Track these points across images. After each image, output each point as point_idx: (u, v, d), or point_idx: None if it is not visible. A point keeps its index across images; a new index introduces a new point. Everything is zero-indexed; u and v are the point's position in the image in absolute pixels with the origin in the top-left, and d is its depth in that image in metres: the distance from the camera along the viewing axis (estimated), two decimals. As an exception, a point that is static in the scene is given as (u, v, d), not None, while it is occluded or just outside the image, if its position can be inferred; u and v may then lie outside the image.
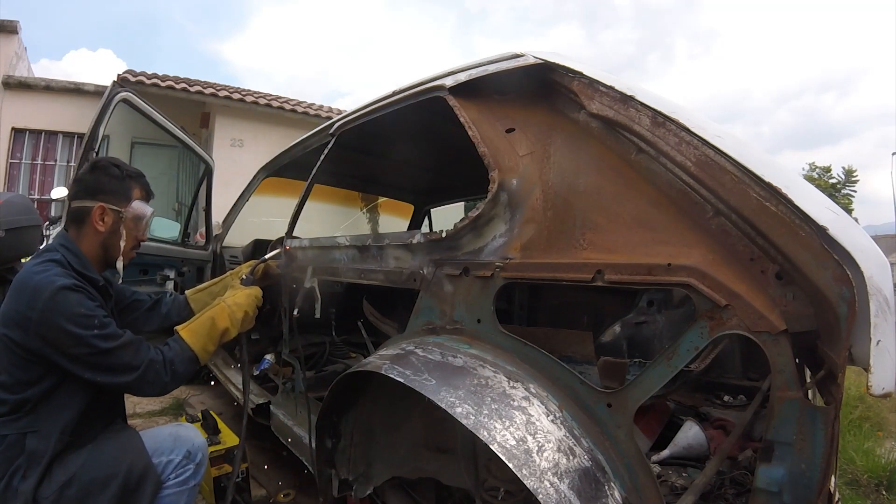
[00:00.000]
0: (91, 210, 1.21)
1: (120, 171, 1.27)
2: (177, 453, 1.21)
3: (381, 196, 3.63)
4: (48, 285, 1.05)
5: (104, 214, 1.22)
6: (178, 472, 1.20)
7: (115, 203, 1.24)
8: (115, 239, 1.25)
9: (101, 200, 1.22)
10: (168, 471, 1.19)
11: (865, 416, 2.94)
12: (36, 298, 1.04)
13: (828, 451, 0.65)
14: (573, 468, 0.75)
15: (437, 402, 0.85)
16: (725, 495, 1.01)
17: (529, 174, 1.04)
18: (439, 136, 1.88)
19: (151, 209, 1.34)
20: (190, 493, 1.23)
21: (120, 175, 1.26)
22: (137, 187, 1.30)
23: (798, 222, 0.68)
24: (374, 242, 1.39)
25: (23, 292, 1.07)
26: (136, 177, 1.32)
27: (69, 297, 1.06)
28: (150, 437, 1.22)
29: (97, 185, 1.24)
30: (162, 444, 1.21)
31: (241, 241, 3.00)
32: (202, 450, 1.27)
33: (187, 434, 1.27)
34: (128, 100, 1.97)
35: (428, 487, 1.32)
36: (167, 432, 1.27)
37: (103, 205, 1.22)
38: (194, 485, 1.24)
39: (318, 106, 7.98)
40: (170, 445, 1.22)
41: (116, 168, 1.27)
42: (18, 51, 7.57)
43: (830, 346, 0.68)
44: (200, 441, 1.28)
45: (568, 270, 0.90)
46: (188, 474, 1.22)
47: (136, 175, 1.32)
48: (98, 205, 1.22)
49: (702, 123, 0.82)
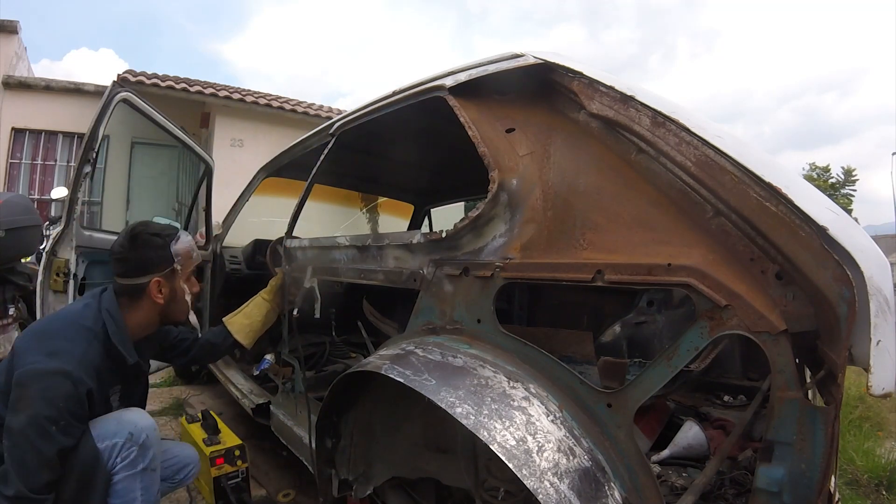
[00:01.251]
0: (146, 286, 1.24)
1: (161, 240, 1.28)
2: (119, 436, 1.15)
3: (381, 196, 3.63)
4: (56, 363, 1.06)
5: (161, 287, 1.25)
6: (123, 456, 1.15)
7: (164, 268, 1.26)
8: (177, 301, 1.29)
9: (154, 274, 1.25)
10: (114, 456, 1.14)
11: (865, 416, 2.94)
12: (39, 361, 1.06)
13: (828, 451, 0.65)
14: (573, 468, 0.75)
15: (437, 402, 0.85)
16: (725, 495, 1.01)
17: (529, 174, 1.04)
18: (439, 136, 1.88)
19: (189, 237, 1.34)
20: (144, 478, 1.17)
21: (163, 244, 1.27)
22: (174, 238, 1.31)
23: (798, 222, 0.68)
24: (374, 242, 1.38)
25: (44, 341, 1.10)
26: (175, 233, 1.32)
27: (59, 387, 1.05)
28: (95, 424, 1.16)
29: (146, 261, 1.25)
30: (106, 427, 1.16)
31: (241, 241, 3.00)
32: (147, 431, 1.19)
33: (130, 417, 1.20)
34: (128, 100, 1.97)
35: (428, 487, 1.32)
36: (111, 417, 1.20)
37: (159, 279, 1.25)
38: (144, 468, 1.17)
39: (318, 106, 7.98)
40: (113, 428, 1.16)
41: (157, 237, 1.28)
42: (18, 51, 7.57)
43: (830, 346, 0.68)
44: (145, 423, 1.20)
45: (568, 270, 0.90)
46: (133, 456, 1.15)
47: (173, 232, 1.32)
48: (153, 280, 1.24)
49: (702, 123, 0.82)
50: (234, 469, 1.75)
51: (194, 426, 1.93)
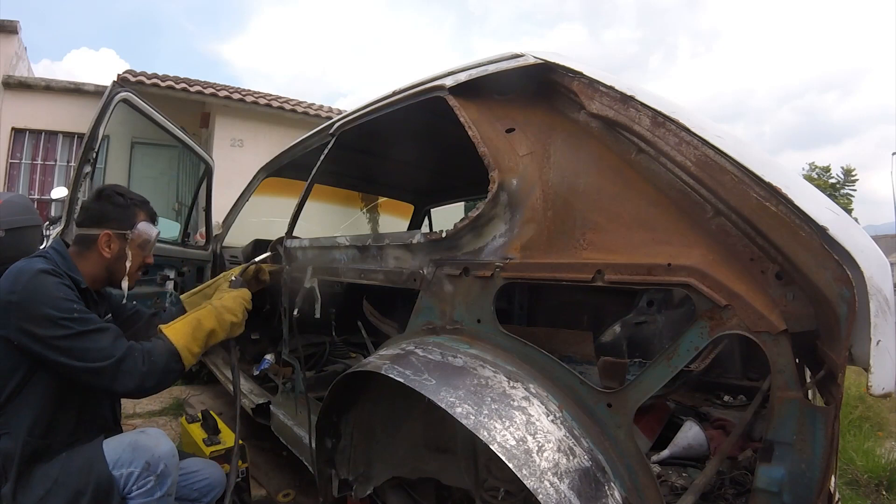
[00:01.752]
0: (97, 237, 1.25)
1: (124, 199, 1.30)
2: (136, 465, 1.14)
3: (381, 196, 3.63)
4: (29, 269, 1.09)
5: (110, 241, 1.26)
6: (139, 485, 1.13)
7: (119, 229, 1.27)
8: (120, 263, 1.29)
9: (106, 228, 1.25)
10: (129, 483, 1.13)
11: (865, 416, 2.94)
12: (17, 282, 1.07)
13: (828, 451, 0.65)
14: (573, 468, 0.75)
15: (437, 402, 0.85)
16: (725, 495, 1.01)
17: (529, 174, 1.04)
18: (439, 136, 1.88)
19: (157, 230, 1.36)
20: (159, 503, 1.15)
21: (124, 203, 1.30)
22: (142, 213, 1.33)
23: (798, 222, 0.68)
24: (374, 242, 1.39)
25: (6, 280, 1.09)
26: (141, 203, 1.34)
27: (48, 279, 1.09)
28: (110, 448, 1.16)
29: (102, 214, 1.27)
30: (121, 455, 1.15)
31: (241, 241, 3.00)
32: (164, 459, 1.16)
33: (146, 443, 1.18)
34: (128, 100, 1.97)
35: (428, 487, 1.32)
36: (127, 441, 1.19)
37: (109, 232, 1.26)
38: (162, 495, 1.15)
39: (318, 106, 7.98)
40: (129, 456, 1.15)
41: (121, 196, 1.30)
42: (18, 51, 7.57)
43: (830, 346, 0.68)
44: (163, 450, 1.18)
45: (568, 270, 0.90)
46: (150, 486, 1.14)
47: (140, 202, 1.34)
48: (104, 232, 1.25)
49: (702, 123, 0.82)
50: (234, 469, 1.74)
51: (194, 426, 1.93)
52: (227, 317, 1.34)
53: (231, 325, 1.35)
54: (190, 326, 1.25)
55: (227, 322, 1.33)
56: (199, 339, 1.25)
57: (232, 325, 1.35)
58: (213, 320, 1.30)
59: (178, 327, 1.24)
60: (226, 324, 1.33)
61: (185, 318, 1.28)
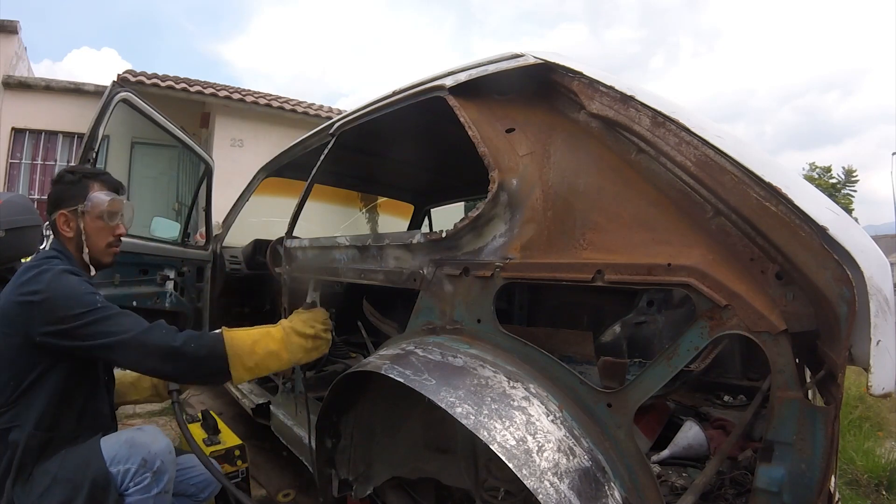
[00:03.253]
0: (55, 222, 1.24)
1: (74, 175, 1.27)
2: (132, 462, 1.13)
3: (381, 196, 3.63)
4: (51, 269, 1.11)
5: (67, 220, 1.24)
6: (136, 481, 1.13)
7: (73, 206, 1.24)
8: (89, 238, 1.26)
9: (61, 208, 1.24)
10: (126, 480, 1.13)
11: (865, 416, 2.94)
12: (40, 282, 1.09)
13: (828, 451, 0.65)
14: (573, 468, 0.75)
15: (437, 402, 0.85)
16: (725, 495, 1.01)
17: (529, 174, 1.04)
18: (439, 136, 1.88)
19: (114, 197, 1.29)
20: (157, 500, 1.15)
21: (74, 179, 1.26)
22: (96, 183, 1.28)
23: (798, 222, 0.68)
24: (374, 242, 1.38)
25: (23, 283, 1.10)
26: (93, 175, 1.30)
27: (71, 279, 1.12)
28: (107, 445, 1.15)
29: (56, 197, 1.25)
30: (118, 451, 1.14)
31: (241, 241, 3.00)
32: (161, 456, 1.15)
33: (143, 440, 1.17)
34: (128, 100, 1.97)
35: (428, 487, 1.32)
36: (124, 438, 1.18)
37: (63, 211, 1.24)
38: (159, 492, 1.15)
39: (318, 106, 7.98)
40: (125, 453, 1.14)
41: (70, 174, 1.28)
42: (18, 51, 7.57)
43: (830, 346, 0.68)
44: (159, 446, 1.17)
45: (568, 270, 0.90)
46: (146, 482, 1.13)
47: (91, 173, 1.30)
48: (59, 213, 1.24)
49: (702, 123, 0.82)
50: (234, 469, 1.75)
51: (194, 426, 1.92)
52: (296, 339, 1.22)
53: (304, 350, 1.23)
54: (250, 338, 1.17)
55: (299, 348, 1.22)
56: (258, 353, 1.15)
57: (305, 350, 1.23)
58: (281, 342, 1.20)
59: (240, 334, 1.17)
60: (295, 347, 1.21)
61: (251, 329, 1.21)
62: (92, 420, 1.22)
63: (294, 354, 1.22)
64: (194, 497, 1.38)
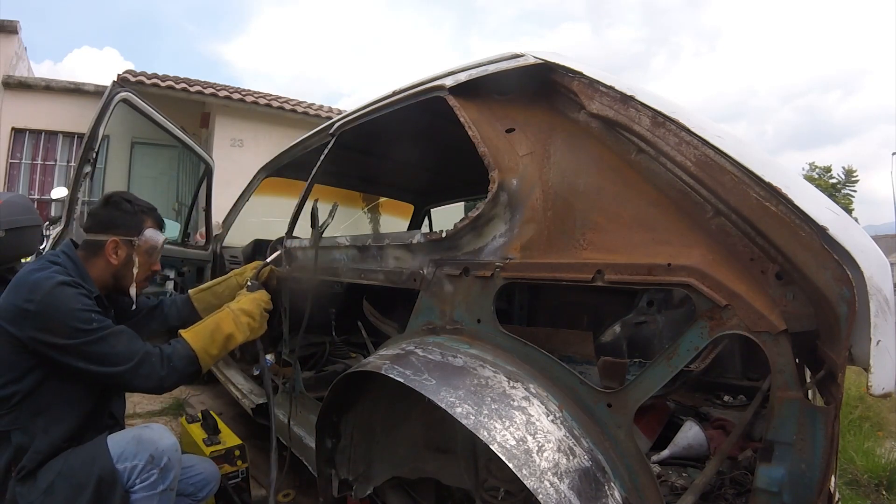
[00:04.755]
0: (104, 244, 1.26)
1: (132, 206, 1.31)
2: (140, 458, 1.15)
3: (382, 196, 3.62)
4: (47, 280, 1.10)
5: (117, 248, 1.27)
6: (143, 478, 1.14)
7: (126, 235, 1.28)
8: (127, 270, 1.30)
9: (113, 234, 1.27)
10: (133, 476, 1.14)
11: (865, 416, 2.94)
12: (35, 292, 1.08)
13: (828, 451, 0.65)
14: (573, 468, 0.75)
15: (437, 402, 0.85)
16: (725, 495, 1.01)
17: (529, 174, 1.04)
18: (439, 136, 1.88)
19: (163, 237, 1.37)
20: (162, 498, 1.16)
21: (132, 210, 1.31)
22: (149, 219, 1.34)
23: (798, 222, 0.68)
24: (374, 242, 1.38)
25: (21, 287, 1.10)
26: (148, 210, 1.36)
27: (67, 291, 1.10)
28: (114, 442, 1.17)
29: (110, 220, 1.28)
30: (125, 448, 1.15)
31: (241, 241, 3.00)
32: (168, 453, 1.18)
33: (150, 437, 1.19)
34: (128, 100, 1.97)
35: (428, 487, 1.31)
36: (131, 436, 1.20)
37: (116, 238, 1.26)
38: (164, 489, 1.17)
39: (318, 106, 7.98)
40: (133, 450, 1.15)
41: (128, 203, 1.31)
42: (18, 51, 7.57)
43: (830, 346, 0.68)
44: (166, 443, 1.19)
45: (568, 270, 0.90)
46: (153, 479, 1.15)
47: (147, 209, 1.36)
48: (111, 239, 1.26)
49: (702, 123, 0.82)
50: (234, 469, 1.75)
51: (194, 426, 1.92)
52: (245, 319, 1.35)
53: (250, 328, 1.36)
54: (208, 330, 1.28)
55: (245, 324, 1.35)
56: (217, 341, 1.27)
57: (250, 327, 1.37)
58: (232, 324, 1.32)
59: (197, 331, 1.26)
60: (244, 327, 1.34)
61: (203, 322, 1.31)
62: (98, 421, 1.23)
63: (243, 333, 1.35)
64: (193, 496, 1.39)
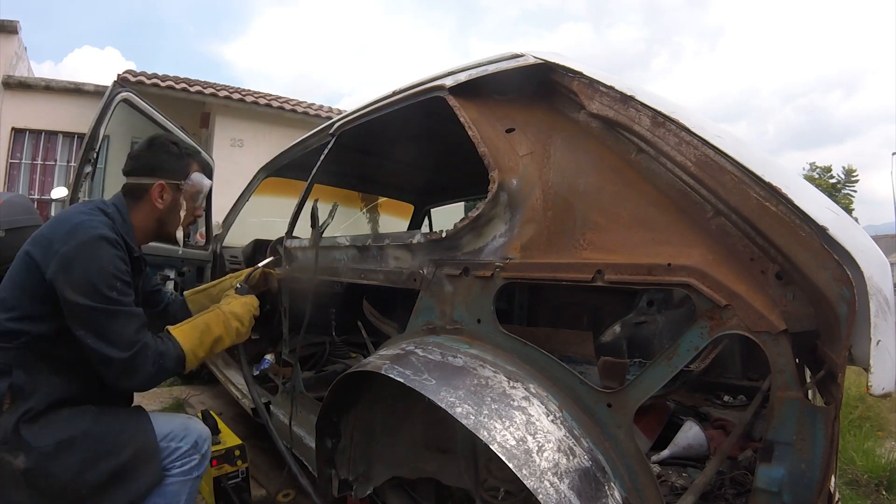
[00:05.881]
0: (149, 187, 1.23)
1: (178, 149, 1.29)
2: (186, 441, 1.17)
3: (381, 196, 3.62)
4: (90, 229, 1.06)
5: (163, 192, 1.25)
6: (183, 461, 1.16)
7: (173, 179, 1.26)
8: (173, 214, 1.28)
9: (160, 177, 1.24)
10: (173, 457, 1.15)
11: (865, 416, 2.94)
12: (73, 235, 1.04)
13: (828, 451, 0.65)
14: (573, 468, 0.75)
15: (437, 402, 0.85)
16: (725, 495, 1.01)
17: (529, 174, 1.04)
18: (439, 136, 1.88)
19: (210, 182, 1.35)
20: (193, 484, 1.19)
21: (178, 153, 1.28)
22: (195, 163, 1.32)
23: (798, 222, 0.68)
24: (374, 242, 1.38)
25: (62, 225, 1.07)
26: (194, 153, 1.34)
27: (104, 248, 1.06)
28: (161, 421, 1.18)
29: (156, 163, 1.25)
30: (174, 429, 1.18)
31: (241, 241, 3.00)
32: (208, 441, 1.25)
33: (196, 425, 1.25)
34: (128, 100, 1.97)
35: (428, 487, 1.31)
36: (179, 420, 1.24)
37: (163, 182, 1.24)
38: (197, 476, 1.21)
39: (318, 106, 7.99)
40: (181, 432, 1.18)
41: (174, 145, 1.29)
42: (18, 51, 7.57)
43: (830, 346, 0.68)
44: (207, 433, 1.26)
45: (568, 270, 0.90)
46: (193, 464, 1.18)
47: (193, 151, 1.34)
48: (157, 182, 1.23)
49: (702, 123, 0.82)
50: (234, 469, 1.75)
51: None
52: (235, 324, 1.33)
53: (237, 332, 1.34)
54: (198, 331, 1.24)
55: (234, 329, 1.32)
56: (205, 343, 1.24)
57: (238, 332, 1.34)
58: (221, 326, 1.29)
59: (186, 330, 1.22)
60: (232, 331, 1.32)
61: (193, 321, 1.27)
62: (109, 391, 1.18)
63: (231, 337, 1.31)
64: None
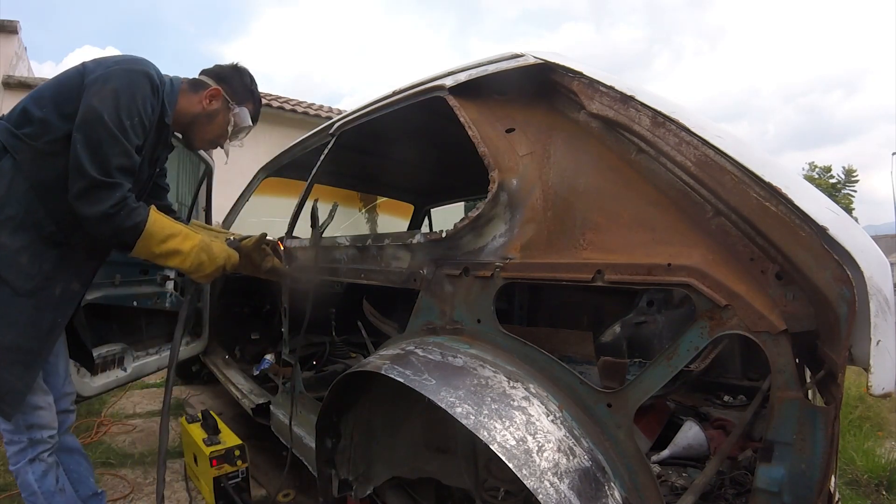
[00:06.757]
0: (207, 87, 1.33)
1: (250, 83, 1.40)
2: (24, 434, 1.22)
3: (381, 196, 3.63)
4: (144, 66, 1.16)
5: (214, 98, 1.33)
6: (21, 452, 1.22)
7: (229, 96, 1.35)
8: (206, 122, 1.35)
9: (220, 85, 1.34)
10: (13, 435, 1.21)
11: (865, 416, 2.94)
12: (120, 62, 1.14)
13: (828, 451, 0.65)
14: (573, 468, 0.75)
15: (437, 402, 0.85)
16: (725, 495, 1.01)
17: (529, 174, 1.04)
18: (439, 136, 1.88)
19: (252, 126, 1.43)
20: None
21: (248, 85, 1.40)
22: (252, 104, 1.41)
23: (798, 222, 0.68)
24: (374, 242, 1.39)
25: (119, 57, 1.18)
26: (257, 99, 1.43)
27: (145, 86, 1.14)
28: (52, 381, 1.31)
29: (228, 76, 1.36)
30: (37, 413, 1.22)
31: (241, 241, 2.99)
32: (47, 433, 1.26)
33: (51, 416, 1.27)
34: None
35: (428, 487, 1.31)
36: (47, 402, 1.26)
37: (220, 89, 1.33)
38: None
39: (319, 106, 7.99)
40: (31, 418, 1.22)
41: (250, 79, 1.40)
42: (18, 51, 7.56)
43: (830, 346, 0.68)
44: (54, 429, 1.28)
45: (568, 270, 0.90)
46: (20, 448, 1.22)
47: (257, 98, 1.43)
48: (216, 87, 1.33)
49: (702, 123, 0.82)
50: (234, 469, 1.75)
51: (194, 426, 1.93)
52: (203, 256, 1.24)
53: (199, 264, 1.24)
54: (170, 231, 1.18)
55: (198, 260, 1.23)
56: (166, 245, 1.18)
57: (200, 264, 1.25)
58: (190, 247, 1.22)
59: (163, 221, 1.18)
60: (195, 259, 1.23)
61: (176, 223, 1.23)
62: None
63: (192, 265, 1.24)
64: None
